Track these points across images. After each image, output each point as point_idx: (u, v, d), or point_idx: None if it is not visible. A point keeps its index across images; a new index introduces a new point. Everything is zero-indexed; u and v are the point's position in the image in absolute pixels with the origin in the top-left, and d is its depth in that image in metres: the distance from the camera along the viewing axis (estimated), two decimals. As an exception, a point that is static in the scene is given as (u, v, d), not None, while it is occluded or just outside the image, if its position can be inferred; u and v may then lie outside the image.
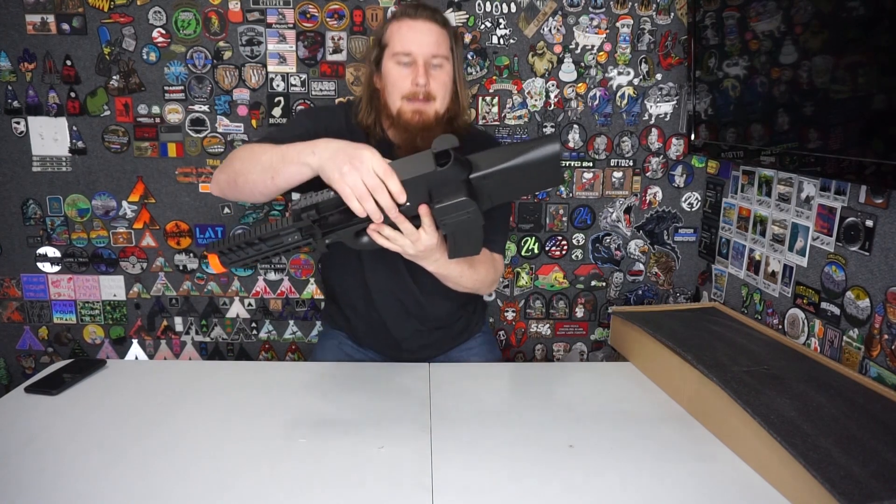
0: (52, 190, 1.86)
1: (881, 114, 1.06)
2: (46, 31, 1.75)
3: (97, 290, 1.94)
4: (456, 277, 1.20)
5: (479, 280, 1.26)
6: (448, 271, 1.16)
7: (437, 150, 0.94)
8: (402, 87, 1.24)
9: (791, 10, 1.25)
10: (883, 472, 0.85)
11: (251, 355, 2.01)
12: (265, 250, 1.04)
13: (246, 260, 1.05)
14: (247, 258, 1.05)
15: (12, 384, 1.96)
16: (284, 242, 1.02)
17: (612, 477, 0.97)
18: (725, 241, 1.76)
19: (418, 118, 1.25)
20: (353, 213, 0.98)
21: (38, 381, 1.25)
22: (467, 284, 1.24)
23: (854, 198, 1.25)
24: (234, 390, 1.24)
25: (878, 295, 1.20)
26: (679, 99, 1.83)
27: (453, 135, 0.94)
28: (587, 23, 1.78)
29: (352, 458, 1.00)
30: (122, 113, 1.81)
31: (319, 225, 1.01)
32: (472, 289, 1.27)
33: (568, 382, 1.33)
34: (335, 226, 1.01)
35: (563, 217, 1.91)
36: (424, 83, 1.23)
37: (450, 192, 0.95)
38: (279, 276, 1.94)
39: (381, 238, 1.01)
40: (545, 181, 1.02)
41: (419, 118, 1.25)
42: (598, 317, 1.99)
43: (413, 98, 1.24)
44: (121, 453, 1.01)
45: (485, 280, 1.28)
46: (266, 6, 1.76)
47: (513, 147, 0.97)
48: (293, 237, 1.02)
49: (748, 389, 1.07)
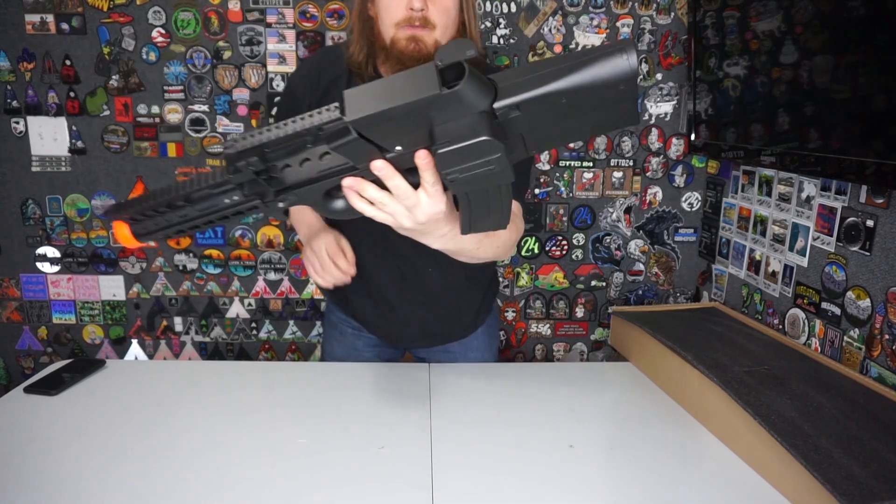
0: (52, 190, 1.86)
1: (881, 114, 1.06)
2: (46, 30, 1.75)
3: (97, 290, 1.93)
4: (471, 251, 0.93)
5: (499, 245, 0.99)
6: (460, 245, 0.86)
7: (443, 62, 0.60)
8: (396, 12, 1.06)
9: (791, 10, 1.25)
10: (884, 472, 0.84)
11: (251, 355, 2.01)
12: (193, 216, 0.74)
13: (167, 230, 0.76)
14: (168, 227, 0.75)
15: (12, 384, 1.96)
16: (219, 206, 0.73)
17: (612, 477, 0.97)
18: (726, 241, 1.76)
19: (413, 47, 1.06)
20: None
21: (38, 381, 1.24)
22: (486, 255, 0.98)
23: (854, 198, 1.25)
24: (234, 390, 1.24)
25: (878, 295, 1.20)
26: (679, 99, 1.83)
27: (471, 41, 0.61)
28: (587, 22, 1.78)
29: (352, 458, 1.00)
30: (122, 113, 1.81)
31: (269, 180, 0.70)
32: (492, 258, 1.03)
33: (568, 382, 1.32)
34: (294, 182, 0.71)
35: (564, 217, 1.91)
36: (421, 6, 1.04)
37: (462, 130, 0.62)
38: (279, 276, 1.94)
39: (361, 202, 0.72)
40: (613, 116, 0.64)
41: (414, 47, 1.06)
42: (598, 317, 1.99)
43: (408, 24, 1.05)
44: (120, 453, 1.01)
45: (505, 244, 1.01)
46: (266, 6, 1.76)
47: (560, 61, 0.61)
48: (231, 197, 0.72)
49: (749, 390, 1.07)
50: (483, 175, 0.66)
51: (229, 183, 0.70)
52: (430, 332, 1.37)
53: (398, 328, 1.35)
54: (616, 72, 0.59)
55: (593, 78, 0.59)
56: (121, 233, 0.77)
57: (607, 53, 0.59)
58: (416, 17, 1.05)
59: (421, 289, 1.28)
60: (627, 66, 0.58)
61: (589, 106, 0.61)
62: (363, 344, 1.41)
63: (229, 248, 1.92)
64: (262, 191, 0.71)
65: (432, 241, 0.83)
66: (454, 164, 0.64)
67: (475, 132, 0.62)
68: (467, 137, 0.62)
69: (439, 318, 1.35)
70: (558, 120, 0.64)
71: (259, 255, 1.92)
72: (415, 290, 1.28)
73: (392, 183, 0.69)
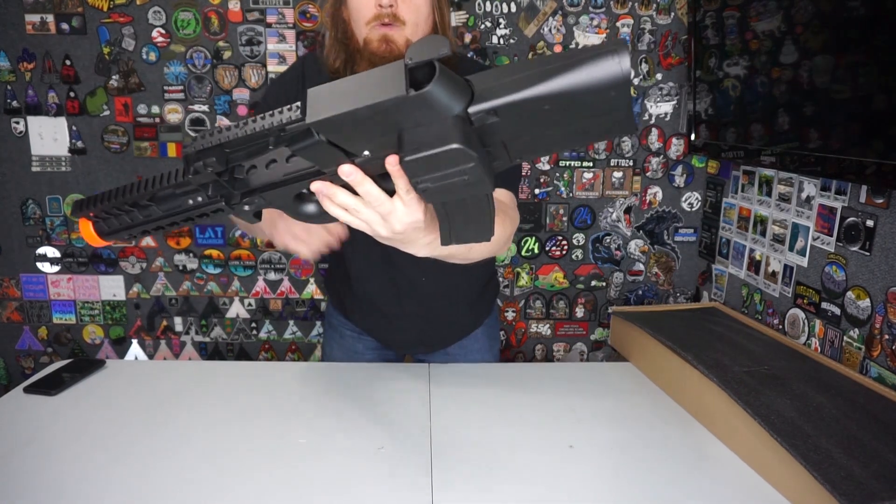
0: (52, 190, 1.86)
1: (881, 114, 1.06)
2: (46, 30, 1.75)
3: (97, 290, 1.93)
4: (463, 254, 0.89)
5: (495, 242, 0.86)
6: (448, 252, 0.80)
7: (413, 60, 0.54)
8: (366, 11, 1.04)
9: (791, 10, 1.25)
10: (884, 472, 0.84)
11: (251, 355, 2.01)
12: (157, 216, 0.71)
13: (132, 229, 0.73)
14: (132, 227, 0.73)
15: (11, 384, 1.96)
16: (183, 206, 0.70)
17: (612, 477, 0.97)
18: (726, 241, 1.76)
19: (385, 48, 1.04)
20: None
21: (38, 381, 1.24)
22: (481, 255, 0.95)
23: (854, 198, 1.25)
24: (234, 390, 1.24)
25: (878, 295, 1.20)
26: (679, 99, 1.83)
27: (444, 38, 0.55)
28: (587, 22, 1.78)
29: (352, 458, 1.00)
30: (122, 113, 1.81)
31: (232, 181, 0.67)
32: (489, 255, 0.99)
33: (568, 382, 1.32)
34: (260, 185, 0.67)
35: (564, 217, 1.91)
36: (390, 2, 1.02)
37: (432, 137, 0.56)
38: (279, 276, 1.94)
39: (333, 206, 0.67)
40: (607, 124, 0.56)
41: (386, 48, 1.04)
42: (598, 317, 1.99)
43: (378, 22, 1.04)
44: (120, 453, 1.01)
45: (500, 239, 0.95)
46: (266, 6, 1.76)
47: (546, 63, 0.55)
48: (195, 198, 0.69)
49: (748, 390, 1.07)
50: (457, 185, 0.59)
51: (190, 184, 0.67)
52: (427, 339, 1.38)
53: (397, 336, 1.37)
54: (606, 76, 0.52)
55: (579, 83, 0.53)
56: (85, 231, 0.75)
57: (596, 56, 0.52)
58: (386, 13, 1.03)
59: (416, 298, 1.28)
60: (619, 70, 0.51)
61: (577, 113, 0.55)
62: (363, 346, 1.42)
63: (229, 248, 1.92)
64: (226, 193, 0.68)
65: (416, 249, 0.77)
66: (424, 173, 0.58)
67: (445, 139, 0.55)
68: (436, 145, 0.56)
69: (436, 326, 1.35)
70: (544, 127, 0.57)
71: (259, 255, 1.92)
72: (409, 299, 1.28)
73: (363, 189, 0.64)
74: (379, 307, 1.30)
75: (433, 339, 1.39)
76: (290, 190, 0.67)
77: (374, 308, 1.30)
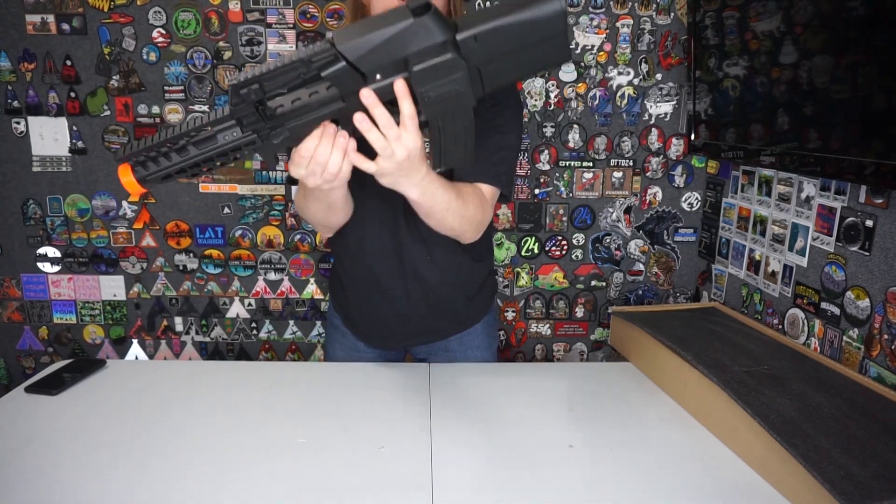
0: (52, 190, 1.86)
1: (881, 114, 1.06)
2: (46, 31, 1.75)
3: (97, 290, 1.94)
4: (441, 210, 1.00)
5: (468, 218, 1.07)
6: (434, 199, 0.96)
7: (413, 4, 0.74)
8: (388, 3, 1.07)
9: (791, 10, 1.25)
10: (883, 472, 0.85)
11: (251, 355, 2.01)
12: (194, 155, 0.80)
13: (169, 170, 0.81)
14: (170, 168, 0.81)
15: (12, 384, 1.97)
16: (218, 143, 0.80)
17: (612, 477, 0.97)
18: (725, 241, 1.76)
19: None
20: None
21: (38, 381, 1.24)
22: (453, 223, 1.06)
23: (854, 198, 1.25)
24: (234, 390, 1.24)
25: (877, 295, 1.20)
26: (679, 99, 1.83)
27: None
28: (587, 23, 1.78)
29: (352, 458, 1.00)
30: (122, 113, 1.81)
31: (265, 114, 0.78)
32: (458, 230, 1.10)
33: (568, 382, 1.33)
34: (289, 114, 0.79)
35: (563, 217, 1.91)
36: None
37: (432, 53, 0.75)
38: (279, 276, 1.94)
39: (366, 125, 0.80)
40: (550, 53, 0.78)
41: None
42: (598, 317, 1.99)
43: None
44: (121, 453, 1.01)
45: (472, 219, 1.10)
46: (266, 6, 1.76)
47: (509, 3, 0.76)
48: (230, 133, 0.79)
49: (748, 389, 1.07)
50: (450, 94, 0.77)
51: (230, 118, 0.78)
52: (427, 328, 1.38)
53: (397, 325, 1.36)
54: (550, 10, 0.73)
55: (532, 15, 0.74)
56: (125, 177, 0.81)
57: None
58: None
59: (419, 282, 1.29)
60: (559, 5, 0.73)
61: (532, 40, 0.75)
62: (365, 345, 1.42)
63: (229, 248, 1.92)
64: (258, 127, 0.79)
65: (410, 186, 0.90)
66: (427, 82, 0.76)
67: (442, 53, 0.75)
68: (436, 57, 0.75)
69: (437, 313, 1.35)
70: (507, 53, 0.77)
71: (259, 255, 1.93)
72: (414, 283, 1.29)
73: (377, 111, 0.78)
74: (386, 289, 1.30)
75: (433, 329, 1.39)
76: (311, 120, 0.80)
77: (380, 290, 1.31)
